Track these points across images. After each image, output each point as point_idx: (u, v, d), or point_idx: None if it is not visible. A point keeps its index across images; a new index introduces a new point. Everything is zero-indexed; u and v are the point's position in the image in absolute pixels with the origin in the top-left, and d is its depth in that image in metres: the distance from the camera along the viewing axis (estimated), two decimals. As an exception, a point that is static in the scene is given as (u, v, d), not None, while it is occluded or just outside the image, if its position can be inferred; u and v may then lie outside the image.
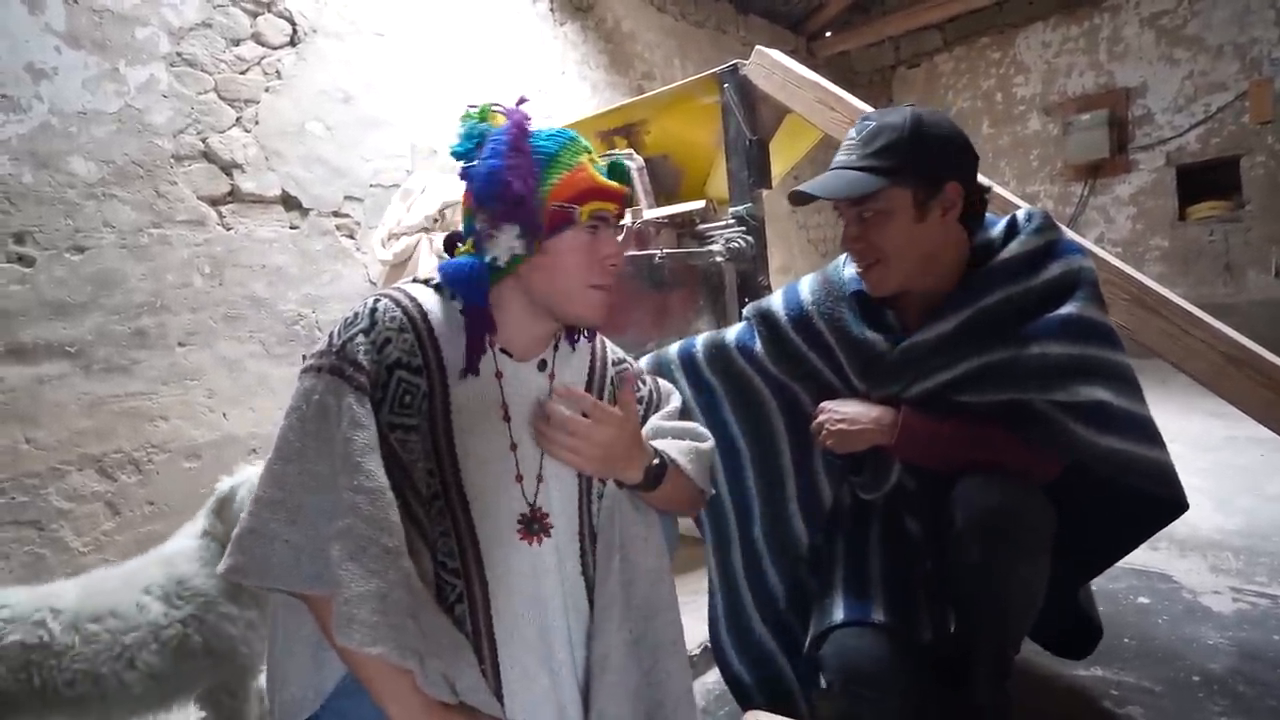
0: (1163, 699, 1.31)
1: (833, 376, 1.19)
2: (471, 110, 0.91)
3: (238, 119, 2.62)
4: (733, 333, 1.31)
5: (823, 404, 1.17)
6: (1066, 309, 1.02)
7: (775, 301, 1.26)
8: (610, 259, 0.91)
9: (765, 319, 1.26)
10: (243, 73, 2.64)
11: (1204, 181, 5.21)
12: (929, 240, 1.08)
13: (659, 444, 0.98)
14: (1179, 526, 2.09)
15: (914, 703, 1.08)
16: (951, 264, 1.10)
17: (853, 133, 1.11)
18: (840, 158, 1.10)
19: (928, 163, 1.06)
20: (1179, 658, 1.45)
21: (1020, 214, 1.12)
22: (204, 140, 2.52)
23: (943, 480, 1.09)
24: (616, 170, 0.93)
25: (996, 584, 1.04)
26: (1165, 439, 1.08)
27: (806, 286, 1.23)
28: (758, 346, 1.26)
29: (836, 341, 1.16)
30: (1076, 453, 1.03)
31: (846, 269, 1.20)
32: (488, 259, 0.87)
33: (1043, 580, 1.08)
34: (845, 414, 1.13)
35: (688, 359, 1.31)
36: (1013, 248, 1.06)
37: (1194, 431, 3.04)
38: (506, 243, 0.85)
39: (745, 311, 1.32)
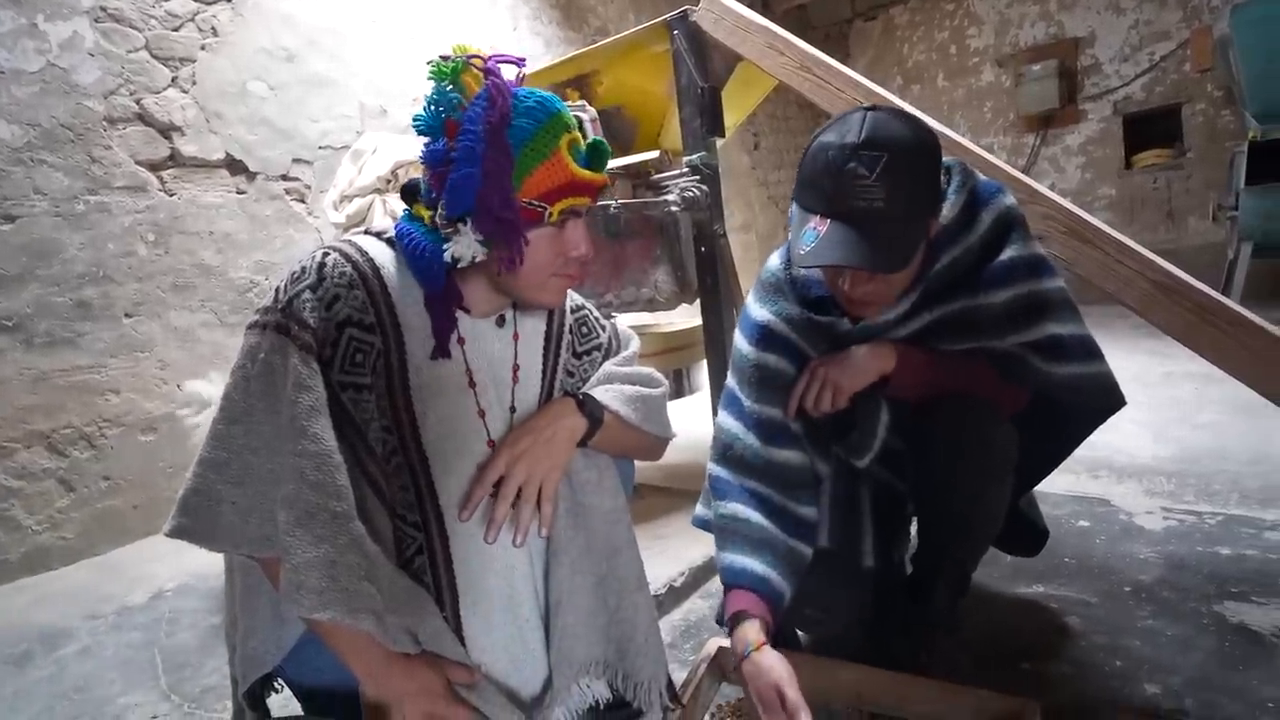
0: (1098, 609, 1.41)
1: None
2: (443, 65, 0.79)
3: (174, 79, 2.50)
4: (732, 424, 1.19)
5: (810, 366, 1.12)
6: (1007, 254, 1.06)
7: (739, 343, 1.19)
8: (579, 255, 0.86)
9: (743, 375, 1.17)
10: (176, 29, 2.51)
11: (1148, 130, 5.36)
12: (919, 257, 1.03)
13: (606, 390, 0.97)
14: (1118, 455, 2.24)
15: (860, 618, 1.13)
16: None
17: (852, 163, 0.93)
18: (856, 202, 0.94)
19: (936, 191, 1.02)
20: (1113, 572, 1.55)
21: None
22: (138, 101, 2.41)
23: (924, 440, 1.12)
24: (598, 153, 0.85)
25: (965, 503, 1.12)
26: None
27: (754, 303, 1.19)
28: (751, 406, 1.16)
29: (800, 336, 1.14)
30: (1040, 385, 1.08)
31: (772, 259, 1.19)
32: (447, 258, 0.82)
33: (1005, 501, 1.15)
34: (841, 357, 1.10)
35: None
36: (945, 212, 1.06)
37: (1135, 369, 3.18)
38: (468, 247, 0.80)
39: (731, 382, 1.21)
